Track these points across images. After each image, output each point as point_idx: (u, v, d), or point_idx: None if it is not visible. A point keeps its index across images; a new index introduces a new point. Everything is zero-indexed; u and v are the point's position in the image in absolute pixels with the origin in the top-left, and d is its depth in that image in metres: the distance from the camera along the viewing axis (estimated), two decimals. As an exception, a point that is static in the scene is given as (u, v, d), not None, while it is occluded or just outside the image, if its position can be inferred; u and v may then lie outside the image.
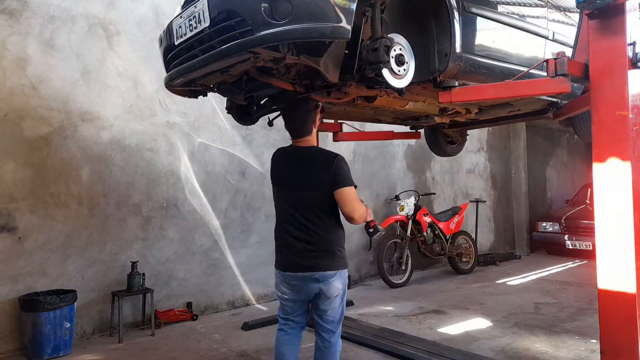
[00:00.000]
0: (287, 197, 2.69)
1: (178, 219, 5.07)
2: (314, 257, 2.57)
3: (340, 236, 2.68)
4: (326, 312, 2.66)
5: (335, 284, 2.59)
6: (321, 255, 2.58)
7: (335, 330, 2.73)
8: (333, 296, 2.62)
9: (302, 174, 2.64)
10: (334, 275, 2.58)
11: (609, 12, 2.32)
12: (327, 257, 2.59)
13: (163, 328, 4.67)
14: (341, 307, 2.73)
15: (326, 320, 2.68)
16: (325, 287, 2.58)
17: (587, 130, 4.27)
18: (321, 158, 2.64)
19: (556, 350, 3.91)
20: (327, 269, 2.57)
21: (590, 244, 7.63)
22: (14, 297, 4.06)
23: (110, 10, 4.71)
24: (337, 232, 2.67)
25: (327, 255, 2.59)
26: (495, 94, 2.95)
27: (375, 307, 5.41)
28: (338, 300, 2.66)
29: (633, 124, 2.29)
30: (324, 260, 2.58)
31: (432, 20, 2.88)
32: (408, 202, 6.58)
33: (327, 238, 2.61)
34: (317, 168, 2.61)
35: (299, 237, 2.61)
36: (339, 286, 2.62)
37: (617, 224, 2.30)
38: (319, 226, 2.60)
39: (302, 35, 2.26)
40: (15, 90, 4.16)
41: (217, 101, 5.29)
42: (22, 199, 4.15)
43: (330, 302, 2.63)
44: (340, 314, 2.74)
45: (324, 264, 2.57)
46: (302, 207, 2.61)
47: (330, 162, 2.59)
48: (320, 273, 2.56)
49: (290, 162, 2.73)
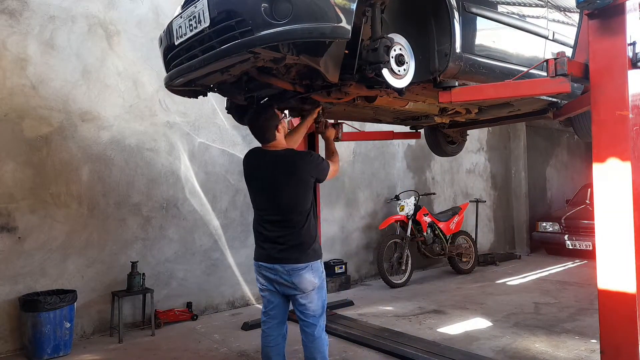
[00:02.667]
0: (261, 196, 2.85)
1: (178, 219, 5.07)
2: (285, 251, 2.70)
3: (311, 230, 2.75)
4: (305, 307, 2.74)
5: (307, 276, 2.67)
6: (292, 248, 2.70)
7: (317, 324, 2.77)
8: (308, 290, 2.70)
9: (274, 174, 2.75)
10: (305, 267, 2.67)
11: (609, 12, 2.32)
12: (297, 251, 2.69)
13: (163, 328, 4.67)
14: (320, 300, 2.78)
15: (307, 315, 2.76)
16: (297, 280, 2.67)
17: (587, 130, 4.28)
18: (292, 158, 2.76)
19: (556, 350, 3.91)
20: (297, 261, 2.67)
21: (590, 244, 7.63)
22: (14, 297, 4.07)
23: (110, 10, 4.71)
24: (309, 226, 2.74)
25: (297, 248, 2.69)
26: (495, 94, 2.95)
27: (375, 307, 5.41)
28: (314, 293, 2.72)
29: (633, 124, 2.29)
30: (293, 254, 2.69)
31: (432, 20, 2.87)
32: (408, 202, 6.58)
33: (298, 232, 2.71)
34: (289, 167, 2.72)
35: (273, 232, 2.76)
36: (312, 279, 2.69)
37: (617, 224, 2.30)
38: (290, 222, 2.72)
39: (302, 35, 2.26)
40: (15, 90, 4.16)
41: (217, 101, 5.29)
42: (22, 199, 4.15)
43: (306, 295, 2.71)
44: (321, 307, 2.78)
45: (294, 257, 2.68)
46: (275, 205, 2.75)
47: (303, 158, 2.75)
48: (291, 266, 2.67)
49: (260, 163, 2.86)
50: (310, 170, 2.75)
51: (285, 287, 2.73)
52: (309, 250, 2.71)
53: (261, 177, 2.82)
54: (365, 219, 6.87)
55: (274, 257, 2.72)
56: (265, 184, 2.78)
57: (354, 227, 6.74)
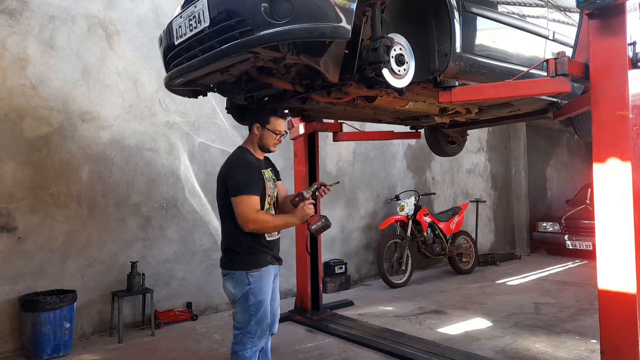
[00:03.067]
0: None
1: (178, 219, 5.07)
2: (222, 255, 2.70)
3: (236, 237, 2.59)
4: (233, 314, 2.65)
5: (226, 284, 2.62)
6: (223, 252, 2.70)
7: (236, 337, 2.58)
8: (229, 298, 2.64)
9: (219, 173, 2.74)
10: (225, 274, 2.64)
11: (609, 12, 2.32)
12: (224, 255, 2.68)
13: (163, 328, 4.67)
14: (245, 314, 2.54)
15: (233, 323, 2.64)
16: (223, 285, 2.66)
17: (587, 130, 4.27)
18: (228, 160, 2.71)
19: (556, 350, 3.91)
20: (222, 266, 2.67)
21: (590, 244, 7.63)
22: (14, 297, 4.06)
23: (110, 10, 4.71)
24: (234, 233, 2.60)
25: (224, 253, 2.68)
26: (495, 93, 2.95)
27: (375, 307, 5.40)
28: (237, 304, 2.57)
29: (633, 124, 2.29)
30: (222, 258, 2.69)
31: (432, 20, 2.87)
32: (408, 202, 6.58)
33: (225, 237, 2.69)
34: (222, 169, 2.69)
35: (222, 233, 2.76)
36: (230, 288, 2.59)
37: (617, 224, 2.30)
38: (223, 226, 2.71)
39: (302, 35, 2.26)
40: (15, 90, 4.16)
41: (217, 101, 5.29)
42: (22, 199, 4.15)
43: (235, 302, 2.60)
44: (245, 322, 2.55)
45: (221, 261, 2.68)
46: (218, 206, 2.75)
47: (226, 166, 2.66)
48: (223, 270, 2.67)
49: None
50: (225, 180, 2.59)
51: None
52: (232, 258, 2.61)
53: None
54: (365, 219, 6.87)
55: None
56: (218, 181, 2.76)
57: (354, 227, 6.74)
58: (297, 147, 5.00)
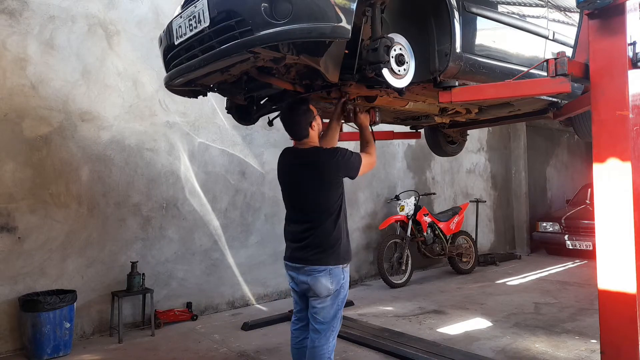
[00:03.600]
0: (289, 195, 2.83)
1: (178, 219, 5.07)
2: (306, 251, 2.65)
3: (333, 232, 2.66)
4: (316, 310, 2.66)
5: (323, 280, 2.60)
6: (312, 250, 2.64)
7: (322, 332, 2.65)
8: (322, 294, 2.62)
9: (303, 174, 2.72)
10: (322, 270, 2.61)
11: (609, 12, 2.32)
12: (317, 253, 2.63)
13: (163, 328, 4.67)
14: (333, 308, 2.66)
15: (315, 319, 2.67)
16: (312, 282, 2.62)
17: (587, 130, 4.27)
18: (316, 156, 2.69)
19: (556, 350, 3.91)
20: (315, 263, 2.62)
21: (590, 244, 7.63)
22: (14, 297, 4.06)
23: (110, 10, 4.71)
24: (332, 228, 2.66)
25: (317, 250, 2.63)
26: (495, 94, 2.95)
27: (375, 307, 5.41)
28: (329, 299, 2.64)
29: (633, 124, 2.28)
30: (314, 255, 2.63)
31: (432, 20, 2.87)
32: (408, 202, 6.58)
33: (320, 234, 2.64)
34: (313, 165, 2.67)
35: (297, 231, 2.72)
36: (327, 283, 2.61)
37: (617, 224, 2.29)
38: (313, 222, 2.66)
39: (302, 35, 2.25)
40: (15, 90, 4.16)
41: (217, 101, 5.29)
42: (22, 199, 4.15)
43: (320, 300, 2.64)
44: (332, 316, 2.66)
45: (313, 259, 2.63)
46: (302, 205, 2.74)
47: (328, 156, 2.67)
48: (310, 267, 2.62)
49: (292, 162, 2.82)
50: (337, 168, 2.67)
51: (303, 287, 2.69)
52: (330, 254, 2.63)
53: (290, 175, 2.80)
54: (365, 219, 6.87)
55: (296, 256, 2.70)
56: (293, 183, 2.78)
57: (354, 227, 6.74)
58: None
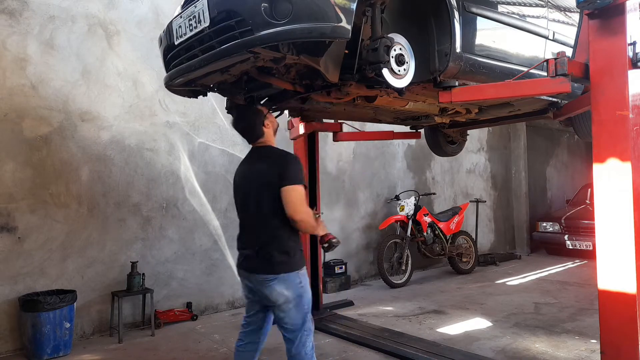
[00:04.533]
0: (240, 199, 2.69)
1: (178, 219, 5.07)
2: (259, 259, 2.53)
3: (285, 238, 2.51)
4: (282, 319, 2.54)
5: (277, 288, 2.46)
6: (264, 257, 2.51)
7: (295, 340, 2.53)
8: (279, 302, 2.49)
9: (252, 175, 2.61)
10: (274, 279, 2.47)
11: (609, 12, 2.32)
12: (267, 261, 2.49)
13: (163, 328, 4.67)
14: (299, 314, 2.51)
15: (285, 329, 2.55)
16: (267, 292, 2.49)
17: (587, 130, 4.27)
18: (272, 157, 2.58)
19: (556, 350, 3.91)
20: (267, 272, 2.48)
21: (590, 244, 7.63)
22: (14, 297, 4.06)
23: (110, 10, 4.71)
24: (283, 233, 2.51)
25: (269, 257, 2.49)
26: (495, 94, 2.95)
27: (375, 307, 5.41)
28: (291, 306, 2.49)
29: (633, 124, 2.29)
30: (264, 263, 2.50)
31: (432, 20, 2.88)
32: (408, 202, 6.58)
33: (271, 240, 2.51)
34: (266, 167, 2.55)
35: (250, 238, 2.60)
36: (282, 291, 2.46)
37: (617, 224, 2.30)
38: (265, 227, 2.53)
39: (302, 35, 2.26)
40: (15, 90, 4.16)
41: (217, 101, 5.29)
42: (22, 199, 4.15)
43: (281, 308, 2.50)
44: (299, 322, 2.52)
45: (263, 267, 2.50)
46: (252, 208, 2.59)
47: (279, 159, 2.54)
48: (263, 276, 2.50)
49: (244, 164, 2.74)
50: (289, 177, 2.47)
51: (260, 297, 2.58)
52: (281, 261, 2.48)
53: (246, 177, 2.66)
54: (365, 219, 6.87)
55: (249, 266, 2.58)
56: (249, 185, 2.61)
57: (354, 227, 6.74)
58: (297, 147, 5.00)
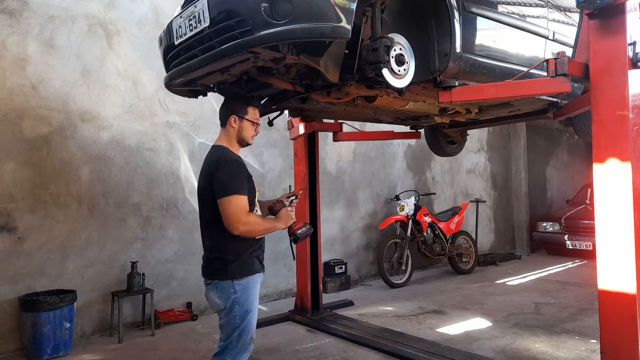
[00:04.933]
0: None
1: (178, 219, 5.07)
2: (205, 262, 2.50)
3: (221, 244, 2.41)
4: (220, 325, 2.44)
5: (211, 294, 2.41)
6: (207, 261, 2.48)
7: (222, 353, 2.40)
8: (214, 308, 2.45)
9: (199, 178, 2.57)
10: (209, 284, 2.43)
11: (609, 12, 2.33)
12: (209, 265, 2.46)
13: (163, 328, 4.67)
14: (229, 326, 2.37)
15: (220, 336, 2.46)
16: (206, 295, 2.47)
17: (587, 130, 4.27)
18: (208, 161, 2.48)
19: (556, 350, 3.91)
20: (207, 276, 2.46)
21: (590, 244, 7.63)
22: (14, 297, 4.06)
23: (110, 10, 4.71)
24: (223, 241, 2.39)
25: (209, 262, 2.46)
26: (495, 94, 2.95)
27: (375, 307, 5.40)
28: (223, 315, 2.39)
29: (633, 124, 2.29)
30: (207, 267, 2.47)
31: (432, 20, 2.88)
32: (408, 202, 6.58)
33: (212, 245, 2.46)
34: (204, 173, 2.49)
35: (203, 242, 2.56)
36: (215, 299, 2.39)
37: (617, 224, 2.30)
38: (207, 232, 2.51)
39: (302, 35, 2.26)
40: (15, 90, 4.16)
41: (217, 101, 5.28)
42: (21, 199, 4.15)
43: (220, 312, 2.41)
44: (229, 334, 2.38)
45: (206, 271, 2.48)
46: (200, 213, 2.57)
47: (210, 167, 2.41)
48: (204, 279, 2.48)
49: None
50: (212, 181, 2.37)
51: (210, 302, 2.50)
52: (216, 267, 2.40)
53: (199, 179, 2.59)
54: (365, 219, 6.87)
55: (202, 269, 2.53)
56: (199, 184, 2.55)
57: (354, 227, 6.74)
58: (297, 147, 5.00)
